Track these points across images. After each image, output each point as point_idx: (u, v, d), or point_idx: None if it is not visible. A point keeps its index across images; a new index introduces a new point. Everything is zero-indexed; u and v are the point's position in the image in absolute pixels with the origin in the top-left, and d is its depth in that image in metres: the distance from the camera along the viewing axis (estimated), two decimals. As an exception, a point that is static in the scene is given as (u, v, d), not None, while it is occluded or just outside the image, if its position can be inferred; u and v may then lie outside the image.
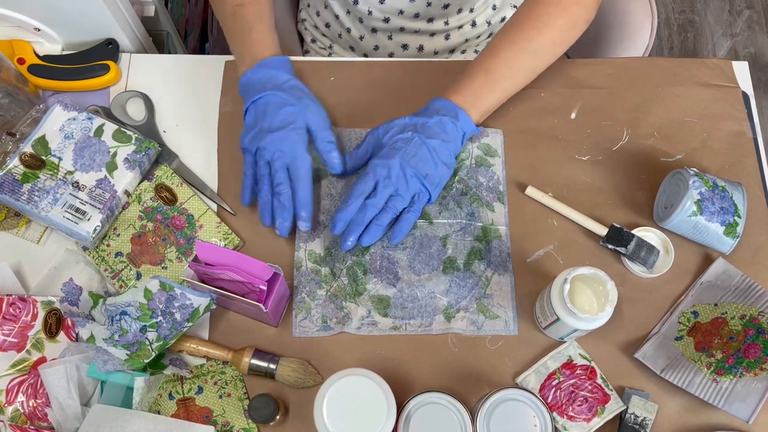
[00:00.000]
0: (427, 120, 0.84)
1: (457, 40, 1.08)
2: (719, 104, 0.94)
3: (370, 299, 0.85)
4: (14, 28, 0.98)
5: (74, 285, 0.84)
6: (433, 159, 0.83)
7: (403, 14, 1.01)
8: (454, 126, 0.84)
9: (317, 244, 0.87)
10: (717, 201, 0.82)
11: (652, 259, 0.84)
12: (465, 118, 0.85)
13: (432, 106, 0.86)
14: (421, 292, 0.85)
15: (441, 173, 0.84)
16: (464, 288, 0.85)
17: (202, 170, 0.92)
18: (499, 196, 0.89)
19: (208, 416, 0.80)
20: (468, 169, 0.90)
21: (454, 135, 0.84)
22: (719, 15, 2.06)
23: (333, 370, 0.74)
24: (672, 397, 0.81)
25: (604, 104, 0.95)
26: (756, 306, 0.81)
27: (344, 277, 0.85)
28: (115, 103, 0.94)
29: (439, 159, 0.83)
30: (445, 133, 0.84)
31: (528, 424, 0.73)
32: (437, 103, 0.86)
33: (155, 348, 0.78)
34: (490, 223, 0.88)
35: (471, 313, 0.84)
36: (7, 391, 0.80)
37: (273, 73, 0.86)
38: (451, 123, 0.84)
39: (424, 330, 0.83)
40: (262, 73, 0.86)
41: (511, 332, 0.83)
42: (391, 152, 0.83)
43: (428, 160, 0.83)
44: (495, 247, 0.87)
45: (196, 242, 0.78)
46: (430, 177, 0.83)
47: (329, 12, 1.08)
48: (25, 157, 0.86)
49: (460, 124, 0.85)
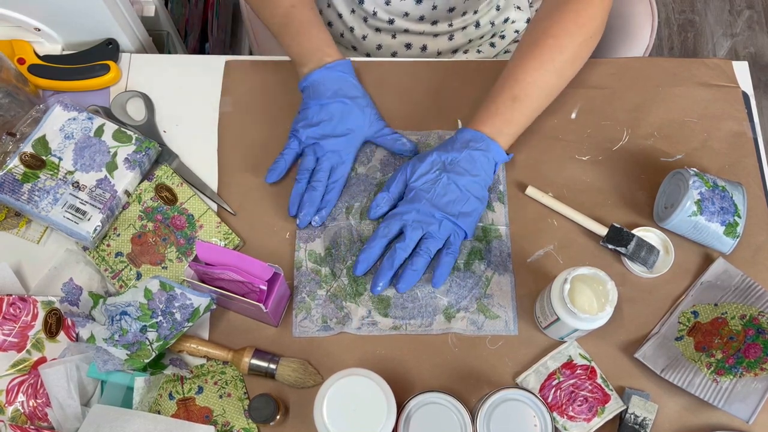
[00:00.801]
0: (456, 155, 0.83)
1: (461, 41, 1.08)
2: (719, 104, 0.94)
3: (371, 299, 0.84)
4: (14, 28, 0.98)
5: (74, 285, 0.84)
6: (464, 196, 0.83)
7: (408, 16, 1.02)
8: (485, 158, 0.84)
9: (317, 244, 0.87)
10: (717, 201, 0.82)
11: (652, 259, 0.84)
12: (496, 149, 0.84)
13: (460, 138, 0.85)
14: (422, 292, 0.85)
15: (474, 208, 0.84)
16: (464, 288, 0.85)
17: (202, 170, 0.92)
18: (500, 196, 0.89)
19: (208, 416, 0.80)
20: None
21: (485, 168, 0.84)
22: (719, 15, 2.06)
23: (333, 370, 0.74)
24: (672, 397, 0.81)
25: (604, 104, 0.95)
26: (756, 306, 0.81)
27: (344, 277, 0.85)
28: (115, 103, 0.94)
29: (471, 194, 0.83)
30: (475, 167, 0.83)
31: (528, 424, 0.73)
32: (466, 134, 0.85)
33: (155, 348, 0.78)
34: (491, 223, 0.88)
35: (471, 313, 0.84)
36: (7, 391, 0.80)
37: (341, 76, 0.89)
38: (482, 155, 0.83)
39: (425, 330, 0.83)
40: (330, 75, 0.88)
41: (511, 332, 0.83)
42: (419, 195, 0.83)
43: (459, 199, 0.83)
44: (495, 247, 0.87)
45: (196, 242, 0.78)
46: (463, 215, 0.83)
47: (332, 11, 1.08)
48: (25, 157, 0.86)
49: (492, 155, 0.84)
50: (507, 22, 1.11)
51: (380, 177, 0.90)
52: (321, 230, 0.88)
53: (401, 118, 0.94)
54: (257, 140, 0.93)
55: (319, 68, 0.88)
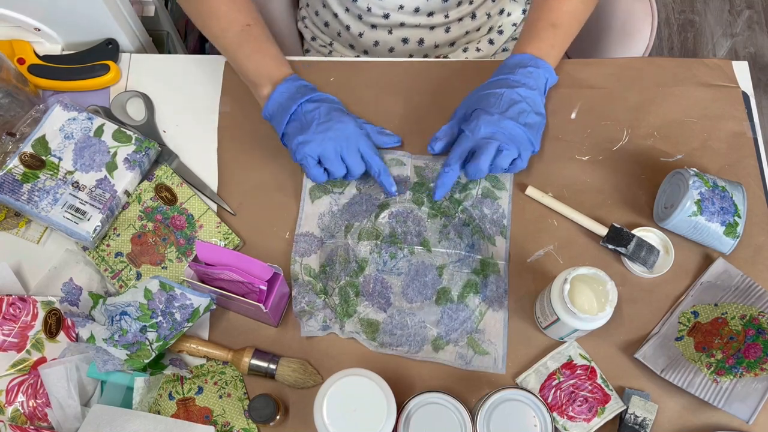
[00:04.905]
0: (510, 76, 0.85)
1: (457, 33, 1.08)
2: (719, 104, 0.94)
3: (360, 322, 0.83)
4: (14, 28, 0.98)
5: (74, 285, 0.83)
6: (530, 107, 0.84)
7: (403, 9, 1.02)
8: (538, 74, 0.85)
9: (313, 259, 0.87)
10: (717, 201, 0.82)
11: (652, 259, 0.84)
12: (546, 66, 0.86)
13: (509, 62, 0.87)
14: (412, 321, 0.83)
15: (537, 122, 0.84)
16: (456, 320, 0.83)
17: (202, 170, 0.92)
18: (502, 230, 0.88)
19: (208, 416, 0.80)
20: (474, 199, 0.89)
21: (539, 84, 0.86)
22: (719, 15, 2.06)
23: (333, 370, 0.74)
24: (672, 397, 0.81)
25: (604, 104, 0.95)
26: (756, 306, 0.81)
27: (336, 296, 0.84)
28: (115, 103, 0.94)
29: (531, 109, 0.84)
30: (531, 81, 0.85)
31: (528, 424, 0.73)
32: (515, 58, 0.87)
33: (155, 348, 0.78)
34: (490, 257, 0.86)
35: (460, 347, 0.83)
36: (7, 391, 0.80)
37: (304, 82, 0.88)
38: (536, 71, 0.85)
39: (411, 356, 0.82)
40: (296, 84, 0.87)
41: (499, 370, 0.82)
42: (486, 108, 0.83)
43: (524, 110, 0.83)
44: (492, 282, 0.85)
45: (196, 242, 0.78)
46: (530, 126, 0.83)
47: (327, 11, 1.08)
48: (25, 157, 0.86)
49: (543, 72, 0.86)
50: (503, 14, 1.12)
51: (383, 198, 0.88)
52: (318, 246, 0.87)
53: (401, 118, 0.94)
54: (257, 140, 0.93)
55: (282, 83, 0.87)
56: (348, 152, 0.84)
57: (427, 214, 0.87)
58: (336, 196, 0.90)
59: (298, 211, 0.89)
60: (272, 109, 0.87)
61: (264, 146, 0.92)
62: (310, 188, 0.90)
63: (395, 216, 0.87)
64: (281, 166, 0.92)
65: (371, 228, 0.86)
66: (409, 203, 0.88)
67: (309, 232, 0.88)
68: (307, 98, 0.85)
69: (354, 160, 0.84)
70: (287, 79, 0.87)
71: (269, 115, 0.87)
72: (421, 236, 0.86)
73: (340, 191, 0.90)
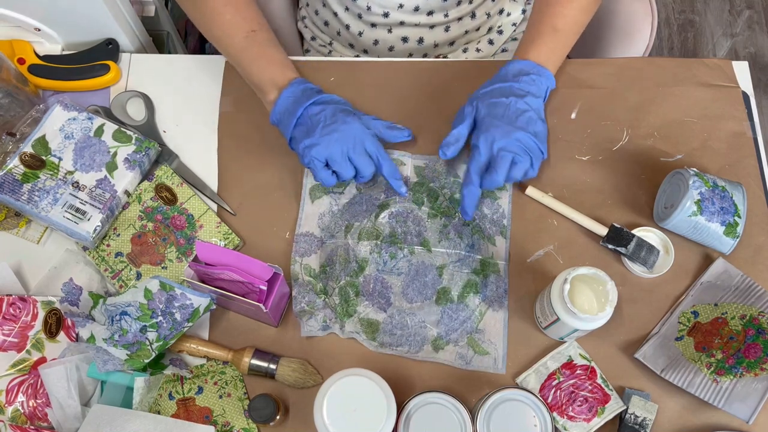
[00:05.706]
0: (513, 84, 0.85)
1: (457, 32, 1.08)
2: (719, 104, 0.94)
3: (360, 322, 0.83)
4: (14, 28, 0.98)
5: (74, 285, 0.83)
6: (536, 116, 0.84)
7: (403, 8, 1.02)
8: (540, 81, 0.86)
9: (313, 259, 0.87)
10: (717, 201, 0.82)
11: (652, 259, 0.84)
12: (547, 74, 0.87)
13: (512, 68, 0.87)
14: (412, 321, 0.83)
15: (543, 129, 0.84)
16: (456, 320, 0.83)
17: (202, 170, 0.92)
18: (502, 230, 0.88)
19: (208, 416, 0.80)
20: None
21: (541, 91, 0.86)
22: (719, 15, 2.06)
23: (333, 370, 0.74)
24: (672, 397, 0.81)
25: (604, 104, 0.95)
26: (756, 306, 0.81)
27: (336, 296, 0.84)
28: (115, 103, 0.94)
29: (538, 116, 0.84)
30: (533, 89, 0.85)
31: (528, 424, 0.73)
32: (518, 65, 0.87)
33: (155, 348, 0.78)
34: (490, 257, 0.86)
35: (460, 347, 0.83)
36: (7, 391, 0.80)
37: (310, 85, 0.88)
38: (538, 79, 0.86)
39: (411, 356, 0.83)
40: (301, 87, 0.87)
41: (499, 370, 0.82)
42: (497, 119, 0.83)
43: (532, 119, 0.83)
44: (492, 282, 0.85)
45: (196, 242, 0.78)
46: (538, 134, 0.83)
47: (327, 10, 1.08)
48: (25, 157, 0.86)
49: (544, 80, 0.86)
50: (503, 14, 1.12)
51: (383, 198, 0.88)
52: (318, 246, 0.87)
53: (401, 118, 0.94)
54: (257, 140, 0.93)
55: (288, 87, 0.87)
56: (355, 153, 0.83)
57: (427, 214, 0.87)
58: (336, 196, 0.90)
59: (298, 211, 0.89)
60: (279, 115, 0.87)
61: (264, 146, 0.93)
62: (310, 188, 0.90)
63: (395, 216, 0.87)
64: (281, 166, 0.92)
65: (371, 228, 0.86)
66: (409, 203, 0.88)
67: (309, 232, 0.88)
68: (313, 101, 0.85)
69: (362, 161, 0.84)
70: (292, 83, 0.87)
71: (277, 120, 0.87)
72: (421, 236, 0.86)
73: (340, 191, 0.90)
